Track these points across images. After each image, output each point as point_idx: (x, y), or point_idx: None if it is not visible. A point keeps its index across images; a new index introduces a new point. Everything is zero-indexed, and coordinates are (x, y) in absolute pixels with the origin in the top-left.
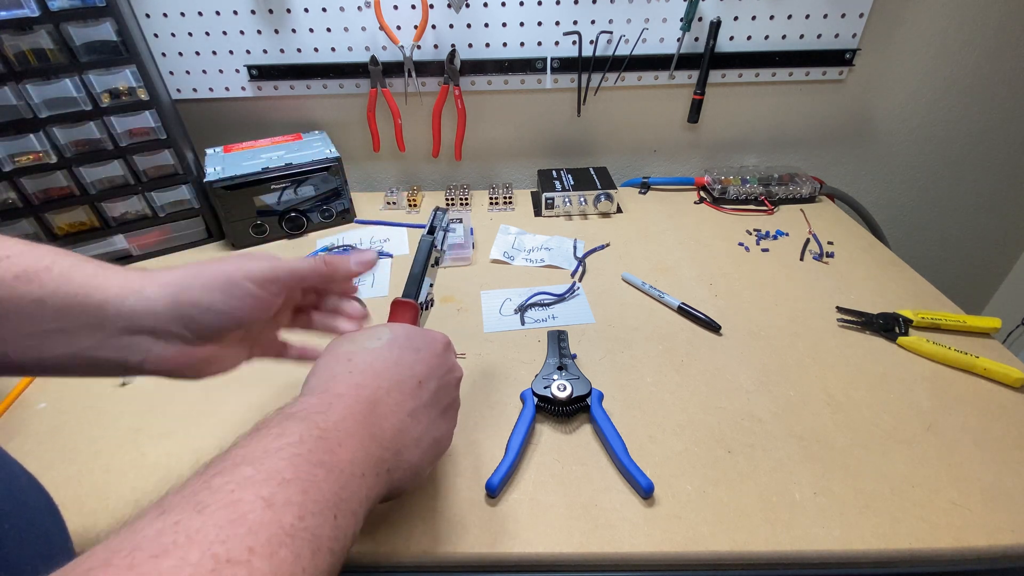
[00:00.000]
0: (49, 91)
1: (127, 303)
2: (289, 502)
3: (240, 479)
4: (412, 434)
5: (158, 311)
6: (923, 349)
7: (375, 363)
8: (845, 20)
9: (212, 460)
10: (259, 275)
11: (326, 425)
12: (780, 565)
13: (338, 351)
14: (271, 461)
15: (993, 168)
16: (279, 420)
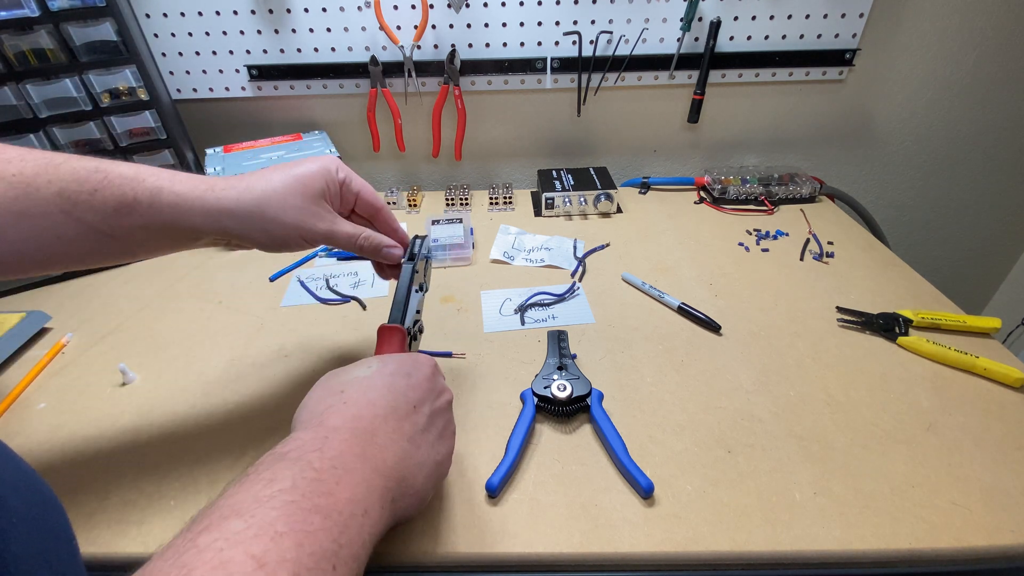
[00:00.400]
0: (49, 91)
1: (212, 226)
2: (283, 559)
3: (229, 535)
4: (414, 459)
5: (236, 235)
6: (923, 349)
7: (368, 392)
8: (845, 20)
9: (200, 513)
10: (312, 238)
11: (321, 465)
12: (780, 565)
13: (329, 384)
14: (262, 512)
15: (993, 168)
16: (270, 463)
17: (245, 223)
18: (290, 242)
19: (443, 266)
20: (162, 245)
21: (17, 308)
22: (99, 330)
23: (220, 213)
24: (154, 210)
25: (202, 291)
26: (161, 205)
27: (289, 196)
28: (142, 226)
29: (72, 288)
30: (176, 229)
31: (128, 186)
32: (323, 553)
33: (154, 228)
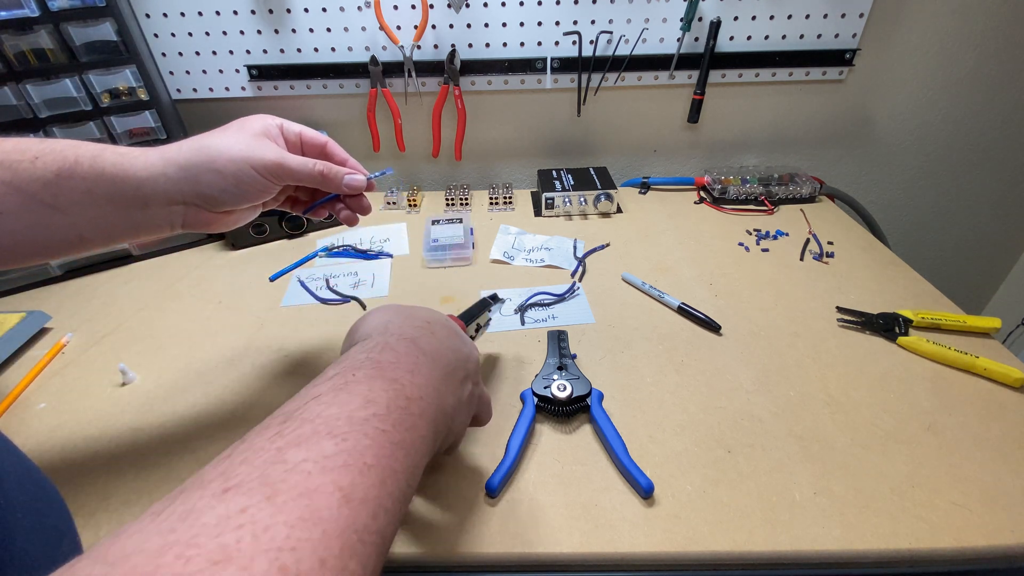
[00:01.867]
0: (49, 91)
1: (158, 184)
2: (366, 498)
3: (319, 457)
4: (459, 419)
5: (184, 190)
6: (923, 349)
7: (446, 340)
8: (845, 20)
9: (288, 413)
10: (263, 167)
11: (412, 393)
12: (780, 565)
13: (414, 313)
14: (355, 437)
15: (993, 168)
16: (368, 374)
17: (192, 169)
18: (244, 179)
19: (443, 266)
20: (108, 216)
21: (17, 308)
22: (99, 330)
23: (164, 164)
24: (95, 171)
25: (202, 291)
26: (103, 164)
27: (230, 134)
28: (85, 191)
29: (72, 288)
30: (120, 192)
31: (70, 151)
32: (400, 494)
33: (98, 193)
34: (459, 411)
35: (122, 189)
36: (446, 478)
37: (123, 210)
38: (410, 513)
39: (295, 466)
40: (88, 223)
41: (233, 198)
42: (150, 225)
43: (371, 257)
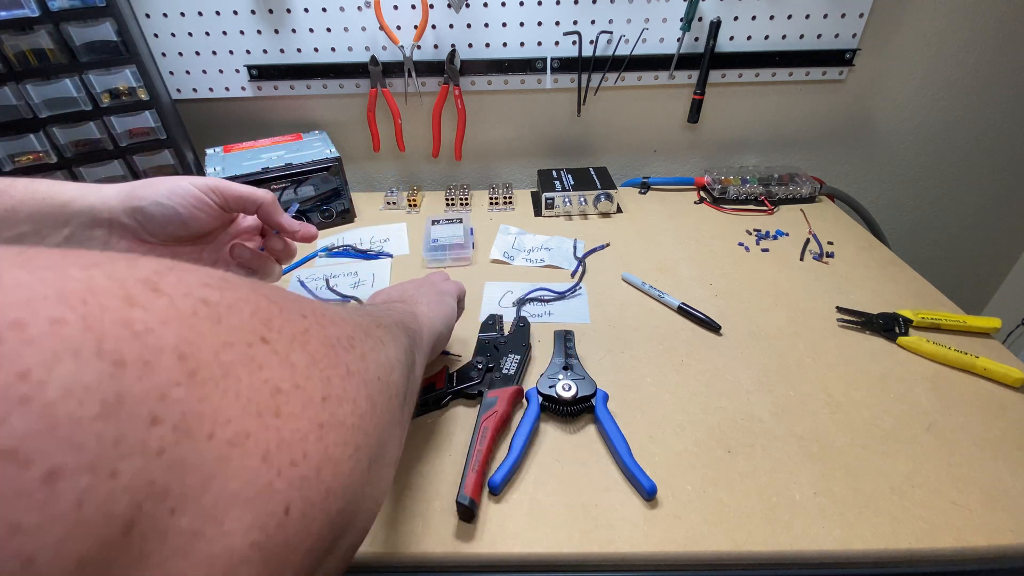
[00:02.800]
0: (49, 91)
1: (87, 199)
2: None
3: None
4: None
5: (112, 205)
6: (923, 349)
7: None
8: (845, 20)
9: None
10: (202, 183)
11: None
12: (780, 565)
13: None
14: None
15: (993, 168)
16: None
17: (126, 188)
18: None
19: (443, 266)
20: (23, 237)
21: None
22: None
23: (101, 187)
24: (28, 191)
25: None
26: (38, 184)
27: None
28: (9, 208)
29: None
30: (42, 209)
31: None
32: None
33: (20, 212)
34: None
35: (46, 207)
36: (447, 477)
37: (39, 231)
38: (411, 512)
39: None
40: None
41: (166, 213)
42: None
43: (371, 257)
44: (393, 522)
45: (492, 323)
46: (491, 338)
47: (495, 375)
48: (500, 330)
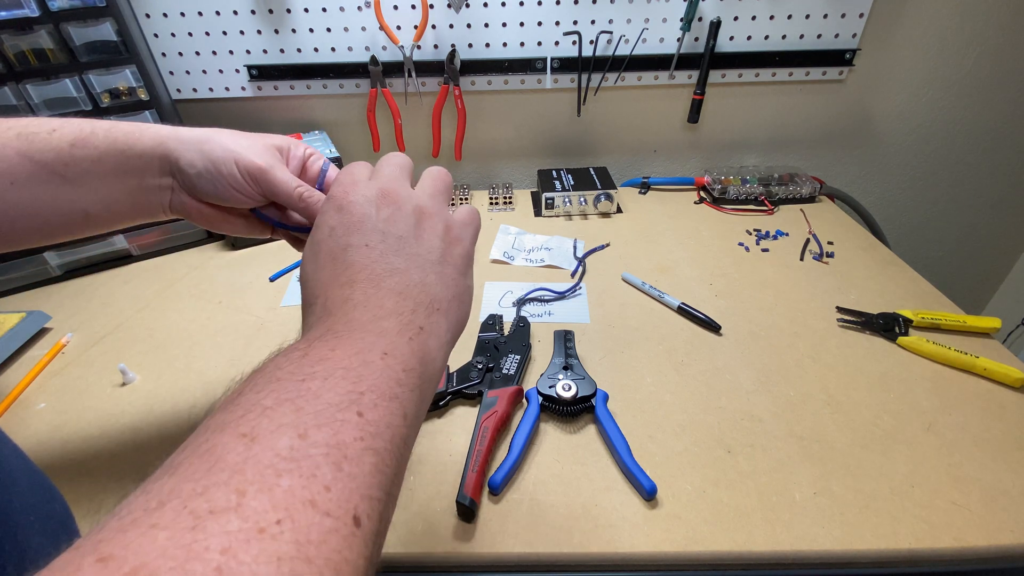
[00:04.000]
0: (49, 91)
1: (159, 151)
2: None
3: (215, 426)
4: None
5: (171, 162)
6: (923, 349)
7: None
8: (845, 20)
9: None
10: (246, 167)
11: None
12: (780, 565)
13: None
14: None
15: (993, 168)
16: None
17: (186, 144)
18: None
19: None
20: (111, 187)
21: (17, 308)
22: (99, 330)
23: (168, 134)
24: (109, 139)
25: (202, 291)
26: (117, 133)
27: (239, 134)
28: (96, 159)
29: (72, 288)
30: (126, 160)
31: (87, 124)
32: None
33: (107, 163)
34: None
35: (128, 157)
36: (448, 477)
37: (125, 180)
38: (411, 512)
39: (189, 443)
40: (93, 196)
41: (207, 184)
42: (145, 201)
43: None
44: (393, 522)
45: (492, 323)
46: (491, 338)
47: (495, 375)
48: (500, 330)
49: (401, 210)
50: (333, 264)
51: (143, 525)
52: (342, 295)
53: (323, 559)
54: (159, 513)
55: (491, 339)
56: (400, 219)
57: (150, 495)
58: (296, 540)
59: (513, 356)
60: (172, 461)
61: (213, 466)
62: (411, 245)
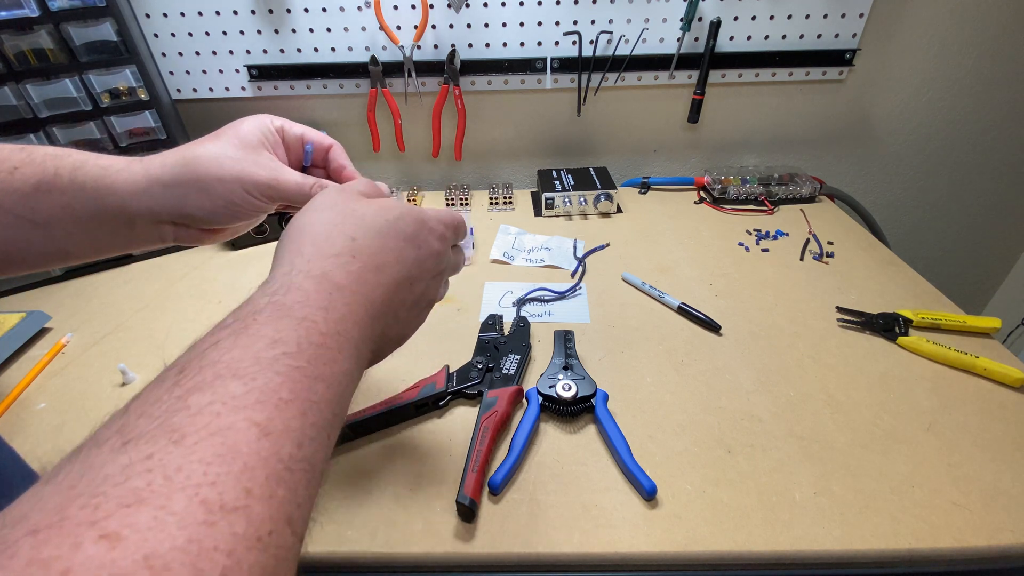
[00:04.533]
0: (49, 91)
1: (143, 203)
2: (288, 428)
3: (227, 398)
4: (393, 333)
5: (171, 211)
6: (923, 349)
7: (379, 255)
8: (845, 20)
9: (183, 364)
10: (255, 188)
11: (327, 328)
12: (780, 565)
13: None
14: (265, 376)
15: (993, 168)
16: (272, 315)
17: (177, 189)
18: (235, 200)
19: None
20: (91, 232)
21: (17, 308)
22: (99, 330)
23: (148, 183)
24: (76, 185)
25: (202, 291)
26: (83, 179)
27: (223, 150)
28: (64, 205)
29: (72, 288)
30: (103, 209)
31: (51, 162)
32: (324, 423)
33: (78, 209)
34: (397, 324)
35: (105, 206)
36: (448, 477)
37: (108, 226)
38: (411, 512)
39: (201, 409)
40: (70, 239)
41: (223, 220)
42: (139, 241)
43: None
44: (393, 522)
45: (492, 323)
46: (491, 338)
47: (495, 375)
48: (500, 330)
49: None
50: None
51: (151, 506)
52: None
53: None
54: (168, 495)
55: (491, 339)
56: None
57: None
58: (276, 555)
59: (513, 356)
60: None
61: (226, 454)
62: (413, 314)
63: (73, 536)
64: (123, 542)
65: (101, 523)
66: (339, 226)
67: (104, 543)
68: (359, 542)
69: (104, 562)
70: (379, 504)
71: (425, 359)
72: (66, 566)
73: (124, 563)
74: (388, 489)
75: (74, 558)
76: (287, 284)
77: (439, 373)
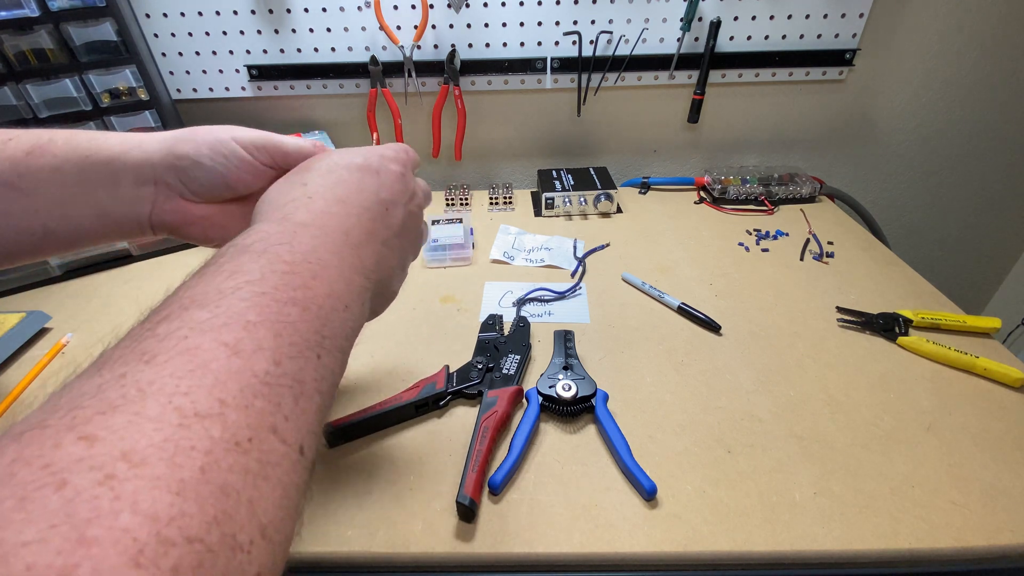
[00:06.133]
0: (49, 91)
1: (131, 156)
2: (259, 347)
3: (193, 324)
4: (389, 263)
5: (155, 162)
6: (923, 349)
7: (336, 188)
8: (845, 20)
9: (153, 307)
10: (247, 140)
11: (292, 259)
12: (780, 565)
13: (291, 176)
14: (228, 302)
15: (993, 168)
16: (232, 255)
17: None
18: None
19: (443, 266)
20: (74, 198)
21: (17, 308)
22: (99, 330)
23: (143, 139)
24: (69, 146)
25: None
26: (78, 139)
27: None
28: (54, 168)
29: (72, 288)
30: (90, 167)
31: (47, 132)
32: (305, 343)
33: (67, 171)
34: (390, 252)
35: (92, 164)
36: (447, 477)
37: (90, 191)
38: (411, 512)
39: (169, 334)
40: (53, 208)
41: (211, 174)
42: (117, 214)
43: None
44: (393, 522)
45: (492, 323)
46: (491, 338)
47: (495, 375)
48: (500, 330)
49: (417, 219)
50: (344, 193)
51: (126, 412)
52: (342, 226)
53: (276, 479)
54: (142, 403)
55: (491, 339)
56: (412, 224)
57: (125, 381)
58: (260, 459)
59: (513, 356)
60: (139, 347)
61: (196, 369)
62: (405, 243)
63: (53, 438)
64: (100, 441)
65: (79, 427)
66: (289, 179)
67: (83, 443)
68: (359, 542)
69: (83, 456)
70: (379, 504)
71: (425, 359)
72: (47, 461)
73: (102, 457)
74: (388, 489)
75: (55, 455)
76: (246, 233)
77: (439, 373)
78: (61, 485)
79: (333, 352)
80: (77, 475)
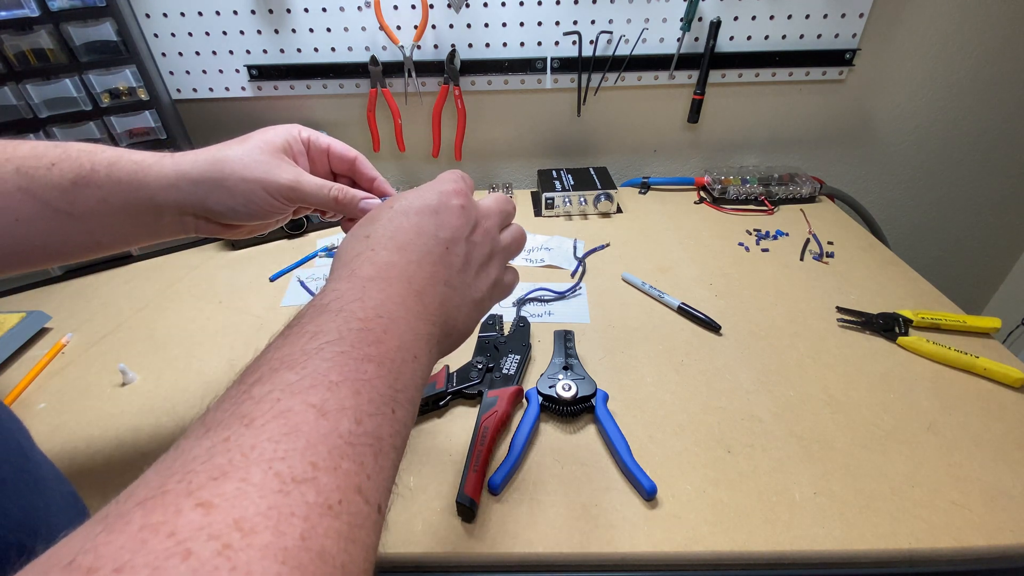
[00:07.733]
0: (49, 91)
1: (171, 197)
2: (343, 407)
3: (284, 386)
4: (453, 302)
5: (194, 203)
6: (923, 349)
7: (396, 236)
8: (845, 20)
9: (247, 366)
10: (276, 191)
11: (365, 315)
12: (780, 565)
13: (355, 232)
14: (313, 364)
15: (993, 168)
16: (311, 316)
17: (203, 185)
18: (255, 200)
19: None
20: (123, 224)
21: (17, 308)
22: (99, 330)
23: (177, 177)
24: (112, 180)
25: (202, 291)
26: (119, 174)
27: (248, 152)
28: (101, 199)
29: (72, 288)
30: (135, 201)
31: (86, 158)
32: (381, 399)
33: (113, 202)
34: (453, 292)
35: (136, 199)
36: (447, 477)
37: (138, 218)
38: (411, 512)
39: (263, 397)
40: (104, 230)
41: (243, 217)
42: (164, 231)
43: None
44: (393, 522)
45: (492, 323)
46: (491, 338)
47: (495, 375)
48: (500, 330)
49: (483, 248)
50: (404, 240)
51: (234, 479)
52: (404, 274)
53: (362, 541)
54: (247, 469)
55: (491, 339)
56: (478, 255)
57: (230, 445)
58: (349, 522)
59: (513, 356)
60: (239, 409)
61: (290, 432)
62: (470, 277)
63: (174, 505)
64: (216, 508)
65: (195, 493)
66: (355, 233)
67: (200, 509)
68: None
69: (202, 524)
70: None
71: None
72: (172, 529)
73: (218, 525)
74: None
75: (177, 522)
76: (323, 292)
77: (439, 373)
78: (187, 555)
79: (405, 405)
80: (199, 544)
